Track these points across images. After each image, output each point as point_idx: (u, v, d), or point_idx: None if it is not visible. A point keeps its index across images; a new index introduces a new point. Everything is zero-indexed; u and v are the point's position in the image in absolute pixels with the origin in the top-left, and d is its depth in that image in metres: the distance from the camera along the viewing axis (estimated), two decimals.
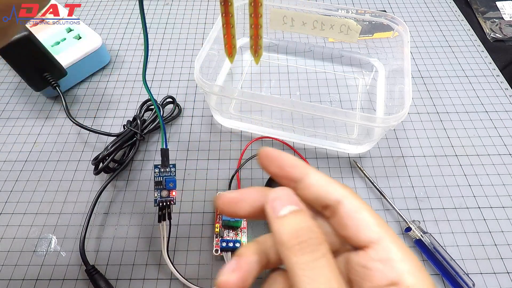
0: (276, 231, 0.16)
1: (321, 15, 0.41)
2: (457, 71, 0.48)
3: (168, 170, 0.30)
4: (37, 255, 0.32)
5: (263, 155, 0.20)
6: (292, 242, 0.16)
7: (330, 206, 0.17)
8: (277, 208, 0.17)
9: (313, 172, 0.19)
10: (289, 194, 0.18)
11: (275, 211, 0.17)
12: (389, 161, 0.39)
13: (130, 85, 0.46)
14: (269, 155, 0.20)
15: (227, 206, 0.19)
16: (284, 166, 0.19)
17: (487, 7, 0.58)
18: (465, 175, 0.38)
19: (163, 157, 0.30)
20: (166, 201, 0.30)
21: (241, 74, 0.47)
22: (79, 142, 0.40)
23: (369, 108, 0.43)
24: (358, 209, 0.17)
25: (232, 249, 0.31)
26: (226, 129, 0.42)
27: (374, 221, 0.16)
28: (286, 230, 0.16)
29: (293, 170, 0.19)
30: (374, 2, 0.58)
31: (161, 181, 0.30)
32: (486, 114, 0.43)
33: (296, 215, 0.17)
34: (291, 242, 0.16)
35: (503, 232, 0.34)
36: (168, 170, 0.30)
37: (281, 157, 0.19)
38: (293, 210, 0.17)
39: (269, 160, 0.20)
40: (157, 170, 0.30)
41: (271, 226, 0.17)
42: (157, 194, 0.30)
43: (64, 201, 0.36)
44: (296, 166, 0.19)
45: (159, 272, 0.31)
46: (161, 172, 0.30)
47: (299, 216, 0.17)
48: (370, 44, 0.48)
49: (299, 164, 0.19)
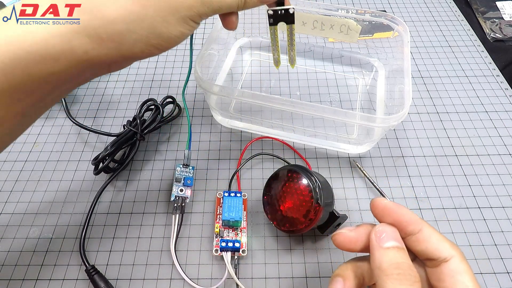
0: (378, 258, 0.19)
1: (321, 15, 0.41)
2: (457, 71, 0.48)
3: (188, 170, 0.36)
4: (37, 255, 0.32)
5: (379, 207, 0.21)
6: (391, 271, 0.18)
7: (435, 261, 0.19)
8: (382, 240, 0.20)
9: (426, 227, 0.20)
10: (395, 232, 0.20)
11: (380, 242, 0.19)
12: (389, 161, 0.39)
13: (130, 85, 0.46)
14: (386, 208, 0.21)
15: (347, 245, 0.22)
16: (401, 221, 0.20)
17: (487, 7, 0.58)
18: (465, 175, 0.38)
19: (185, 158, 0.36)
20: (182, 197, 0.34)
21: (241, 74, 0.47)
22: (79, 142, 0.40)
23: (369, 108, 0.43)
24: (462, 271, 0.19)
25: (232, 249, 0.31)
26: (226, 129, 0.42)
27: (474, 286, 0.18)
28: (388, 260, 0.19)
29: (410, 226, 0.20)
30: (374, 2, 0.58)
31: (180, 178, 0.35)
32: (486, 114, 0.43)
33: (398, 251, 0.19)
34: (390, 270, 0.18)
35: (503, 232, 0.34)
36: (187, 170, 0.36)
37: (399, 212, 0.21)
38: (396, 246, 0.19)
39: (385, 213, 0.21)
40: (179, 168, 0.35)
41: (373, 253, 0.19)
42: (176, 189, 0.34)
43: (64, 201, 0.36)
44: (413, 222, 0.20)
45: (159, 272, 0.31)
46: (182, 171, 0.35)
47: (401, 252, 0.19)
48: (370, 44, 0.48)
49: (415, 219, 0.20)
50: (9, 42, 0.18)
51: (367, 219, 0.34)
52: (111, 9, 0.19)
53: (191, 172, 0.36)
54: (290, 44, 0.32)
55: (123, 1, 0.19)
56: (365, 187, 0.37)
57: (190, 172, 0.36)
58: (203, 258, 0.32)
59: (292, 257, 0.32)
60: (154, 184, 0.37)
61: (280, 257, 0.32)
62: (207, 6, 0.21)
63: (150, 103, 0.39)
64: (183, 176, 0.35)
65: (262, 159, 0.39)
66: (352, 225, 0.33)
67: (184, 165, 0.36)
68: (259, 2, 0.25)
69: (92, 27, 0.19)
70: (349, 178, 0.37)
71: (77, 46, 0.19)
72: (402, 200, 0.36)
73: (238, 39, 0.50)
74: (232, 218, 0.32)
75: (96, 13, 0.19)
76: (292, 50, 0.33)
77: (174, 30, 0.21)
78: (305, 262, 0.32)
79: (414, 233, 0.20)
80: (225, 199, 0.33)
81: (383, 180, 0.37)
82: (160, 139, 0.41)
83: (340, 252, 0.32)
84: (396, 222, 0.20)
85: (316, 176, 0.30)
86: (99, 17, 0.19)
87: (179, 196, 0.34)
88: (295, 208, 0.29)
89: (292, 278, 0.31)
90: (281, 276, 0.31)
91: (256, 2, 0.24)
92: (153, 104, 0.39)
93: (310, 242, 0.33)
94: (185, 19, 0.21)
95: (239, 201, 0.33)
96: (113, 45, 0.20)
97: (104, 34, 0.19)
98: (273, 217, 0.31)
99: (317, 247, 0.33)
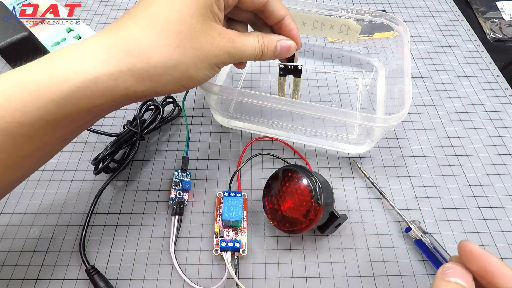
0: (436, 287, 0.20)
1: (321, 15, 0.41)
2: (457, 71, 0.48)
3: (185, 175, 0.36)
4: (37, 255, 0.32)
5: (465, 250, 0.21)
6: None
7: None
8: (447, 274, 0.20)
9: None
10: (465, 273, 0.20)
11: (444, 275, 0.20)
12: (389, 161, 0.39)
13: None
14: (474, 252, 0.20)
15: None
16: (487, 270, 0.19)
17: (487, 7, 0.58)
18: (465, 175, 0.38)
19: (183, 163, 0.37)
20: (180, 200, 0.34)
21: (241, 74, 0.47)
22: (79, 142, 0.40)
23: (369, 108, 0.43)
24: None
25: (232, 249, 0.31)
26: (226, 129, 0.42)
27: None
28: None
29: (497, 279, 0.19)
30: (374, 2, 0.58)
31: (178, 182, 0.35)
32: (486, 114, 0.43)
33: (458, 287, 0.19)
34: None
35: (503, 232, 0.34)
36: (185, 175, 0.36)
37: (488, 260, 0.20)
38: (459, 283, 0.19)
39: (472, 258, 0.20)
40: (176, 173, 0.36)
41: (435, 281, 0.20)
42: (174, 193, 0.34)
43: (64, 201, 0.36)
44: (502, 275, 0.19)
45: (159, 272, 0.31)
46: (180, 175, 0.36)
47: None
48: (370, 44, 0.48)
49: (505, 272, 0.19)
50: (65, 79, 0.21)
51: (367, 219, 0.34)
52: (156, 55, 0.22)
53: (189, 176, 0.36)
54: (294, 91, 0.36)
55: (165, 50, 0.22)
56: (365, 187, 0.37)
57: (187, 176, 0.36)
58: (203, 258, 0.32)
59: (292, 257, 0.32)
60: (154, 184, 0.37)
61: (280, 257, 0.32)
62: (231, 57, 0.26)
63: (150, 103, 0.39)
64: (181, 180, 0.36)
65: (262, 159, 0.39)
66: (359, 227, 0.34)
67: (182, 169, 0.36)
68: (273, 57, 0.29)
69: (137, 68, 0.22)
70: (349, 178, 0.37)
71: (121, 84, 0.22)
72: (402, 200, 0.36)
73: None
74: (232, 218, 0.32)
75: (143, 58, 0.22)
76: (296, 96, 0.37)
77: (202, 74, 0.25)
78: (305, 262, 0.32)
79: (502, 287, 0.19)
80: (225, 199, 0.33)
81: (383, 180, 0.37)
82: (160, 139, 0.41)
83: (340, 252, 0.32)
84: (482, 270, 0.20)
85: (316, 176, 0.30)
86: (144, 61, 0.22)
87: (177, 199, 0.34)
88: (295, 208, 0.29)
89: (292, 278, 0.31)
90: (281, 276, 0.31)
91: (271, 57, 0.29)
92: (153, 104, 0.39)
93: (310, 242, 0.33)
94: (211, 66, 0.25)
95: (239, 201, 0.33)
96: (150, 84, 0.23)
97: (145, 75, 0.22)
98: (273, 217, 0.31)
99: (317, 247, 0.33)
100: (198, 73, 0.24)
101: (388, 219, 0.34)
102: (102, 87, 0.21)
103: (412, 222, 0.33)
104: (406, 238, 0.33)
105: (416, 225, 0.32)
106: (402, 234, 0.34)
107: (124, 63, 0.22)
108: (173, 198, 0.34)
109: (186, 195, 0.35)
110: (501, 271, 0.19)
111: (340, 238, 0.33)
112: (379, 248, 0.33)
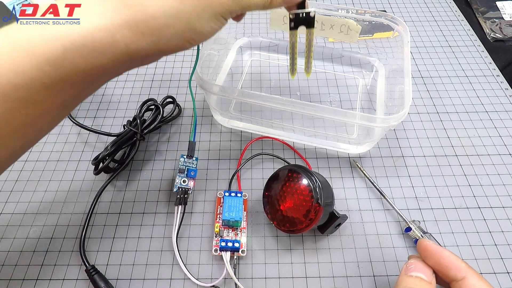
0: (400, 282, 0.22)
1: (321, 15, 0.41)
2: (457, 71, 0.48)
3: (191, 161, 0.35)
4: (37, 255, 0.32)
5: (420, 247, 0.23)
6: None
7: None
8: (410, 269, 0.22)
9: (472, 276, 0.21)
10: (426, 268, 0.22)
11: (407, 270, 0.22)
12: (389, 161, 0.39)
13: (130, 85, 0.46)
14: (428, 249, 0.22)
15: None
16: (442, 264, 0.22)
17: (487, 7, 0.58)
18: (465, 175, 0.38)
19: (189, 149, 0.35)
20: (185, 188, 0.33)
21: (241, 74, 0.47)
22: (79, 142, 0.40)
23: (369, 108, 0.43)
24: None
25: (232, 249, 0.31)
26: (226, 129, 0.42)
27: None
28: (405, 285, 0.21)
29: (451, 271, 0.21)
30: (374, 2, 0.58)
31: (184, 169, 0.34)
32: (486, 114, 0.43)
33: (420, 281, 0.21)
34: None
35: (503, 232, 0.34)
36: (191, 161, 0.35)
37: (439, 254, 0.22)
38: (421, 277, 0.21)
39: (426, 254, 0.23)
40: (182, 159, 0.34)
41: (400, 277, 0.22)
42: (179, 180, 0.33)
43: (64, 201, 0.36)
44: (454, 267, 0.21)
45: (159, 272, 0.31)
46: (185, 162, 0.34)
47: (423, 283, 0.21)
48: (370, 44, 0.48)
49: (458, 265, 0.22)
50: (58, 35, 0.19)
51: (367, 219, 0.34)
52: (153, 4, 0.20)
53: (195, 163, 0.35)
54: (308, 50, 0.32)
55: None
56: (365, 187, 0.37)
57: (193, 163, 0.35)
58: (203, 258, 0.32)
59: (292, 257, 0.32)
60: (154, 184, 0.37)
61: (280, 257, 0.32)
62: (237, 3, 0.23)
63: (150, 103, 0.39)
64: (186, 167, 0.34)
65: (262, 159, 0.39)
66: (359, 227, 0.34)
67: (188, 156, 0.35)
68: (283, 3, 0.26)
69: (134, 21, 0.20)
70: (349, 178, 0.37)
71: (120, 40, 0.20)
72: (402, 200, 0.36)
73: (238, 39, 0.50)
74: (232, 218, 0.32)
75: (139, 7, 0.20)
76: (310, 56, 0.33)
77: (206, 26, 0.22)
78: (305, 262, 0.32)
79: (456, 279, 0.21)
80: (225, 199, 0.33)
81: (383, 180, 0.37)
82: (160, 139, 0.41)
83: (340, 252, 0.32)
84: (437, 264, 0.22)
85: (316, 176, 0.30)
86: (141, 11, 0.20)
87: (182, 187, 0.33)
88: (295, 208, 0.29)
89: (292, 278, 0.31)
90: (281, 276, 0.31)
91: (280, 2, 0.26)
92: (153, 104, 0.39)
93: (310, 242, 0.33)
94: (216, 16, 0.23)
95: (239, 201, 0.33)
96: (151, 39, 0.21)
97: (145, 28, 0.20)
98: (273, 217, 0.31)
99: (317, 247, 0.33)
100: (202, 24, 0.22)
101: (388, 219, 0.34)
102: (100, 44, 0.20)
103: (412, 222, 0.33)
104: (406, 238, 0.33)
105: (416, 225, 0.32)
106: (402, 234, 0.34)
107: (121, 15, 0.20)
108: (177, 186, 0.33)
109: (191, 183, 0.34)
110: (453, 264, 0.21)
111: (340, 238, 0.33)
112: (379, 248, 0.33)
